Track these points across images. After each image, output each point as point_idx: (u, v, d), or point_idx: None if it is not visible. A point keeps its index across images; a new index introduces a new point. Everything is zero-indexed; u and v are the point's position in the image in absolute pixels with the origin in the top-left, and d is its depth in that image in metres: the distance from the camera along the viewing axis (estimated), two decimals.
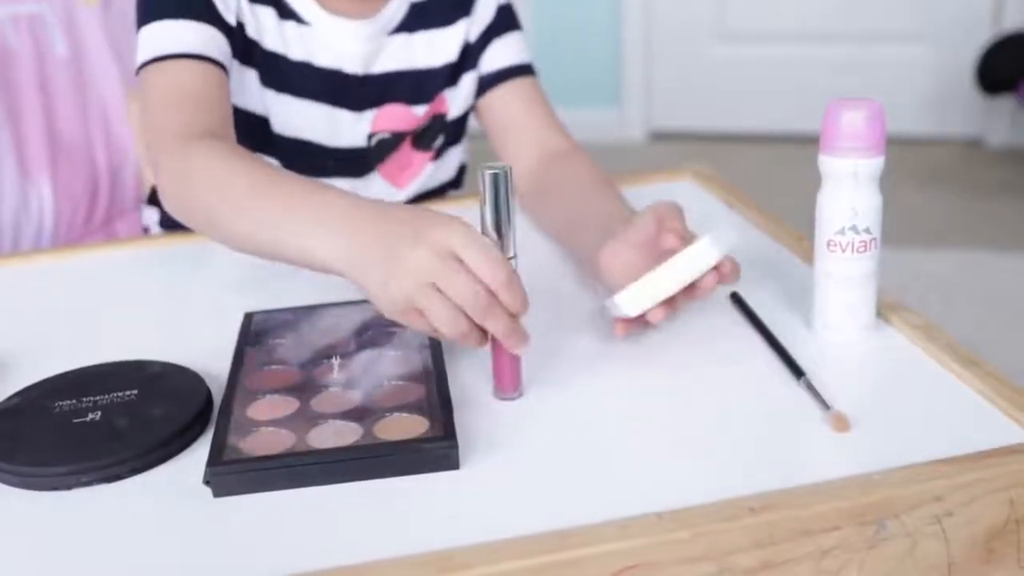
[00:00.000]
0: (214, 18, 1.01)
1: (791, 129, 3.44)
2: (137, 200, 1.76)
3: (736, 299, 0.90)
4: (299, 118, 1.08)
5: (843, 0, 3.53)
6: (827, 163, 0.80)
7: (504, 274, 0.69)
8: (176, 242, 1.13)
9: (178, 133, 0.92)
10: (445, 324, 0.70)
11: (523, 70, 1.16)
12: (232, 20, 1.02)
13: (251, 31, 1.04)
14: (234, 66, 1.04)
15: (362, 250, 0.74)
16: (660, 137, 3.78)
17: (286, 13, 1.06)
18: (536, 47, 3.94)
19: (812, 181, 0.80)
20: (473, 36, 1.14)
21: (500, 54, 1.15)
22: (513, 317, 0.72)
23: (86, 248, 1.16)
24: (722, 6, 3.63)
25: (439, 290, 0.70)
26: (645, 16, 3.66)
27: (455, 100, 1.15)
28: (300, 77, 1.07)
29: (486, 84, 1.15)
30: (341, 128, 1.10)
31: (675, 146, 3.70)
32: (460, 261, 0.70)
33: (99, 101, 1.75)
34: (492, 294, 0.70)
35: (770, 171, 3.04)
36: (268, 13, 1.05)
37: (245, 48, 1.05)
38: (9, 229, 1.63)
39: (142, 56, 0.99)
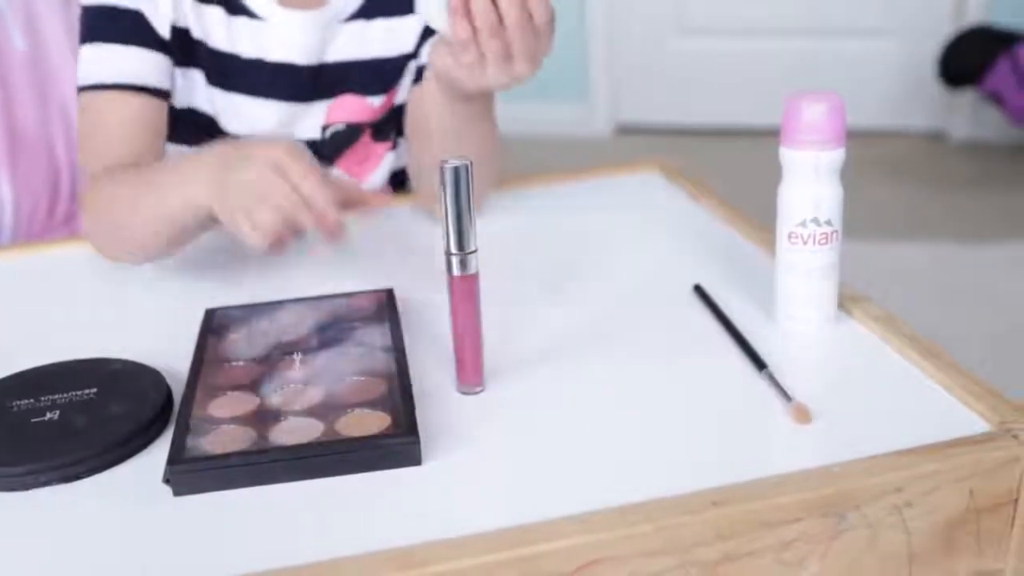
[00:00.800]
0: (148, 39, 1.01)
1: (757, 122, 3.45)
2: None
3: (699, 291, 0.90)
4: (249, 115, 1.07)
5: None
6: (788, 155, 0.80)
7: (312, 182, 0.81)
8: None
9: (94, 173, 1.01)
10: (261, 225, 0.81)
11: None
12: (166, 32, 1.02)
13: (196, 33, 1.03)
14: (176, 72, 1.05)
15: (215, 177, 0.86)
16: (627, 131, 3.79)
17: (236, 9, 1.04)
18: None
19: (777, 174, 0.81)
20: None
21: None
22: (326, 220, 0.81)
23: (47, 245, 1.14)
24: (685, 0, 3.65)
25: (264, 200, 0.81)
26: (609, 10, 3.66)
27: (403, 88, 1.13)
28: (250, 75, 1.05)
29: (420, 75, 1.11)
30: (293, 122, 1.09)
31: (642, 140, 3.71)
32: (283, 173, 0.81)
33: (59, 96, 1.73)
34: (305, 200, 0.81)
35: (736, 164, 3.04)
36: (215, 11, 1.04)
37: (188, 50, 1.04)
38: None
39: (79, 79, 1.03)
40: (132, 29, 1.01)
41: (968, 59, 3.26)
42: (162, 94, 1.03)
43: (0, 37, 1.66)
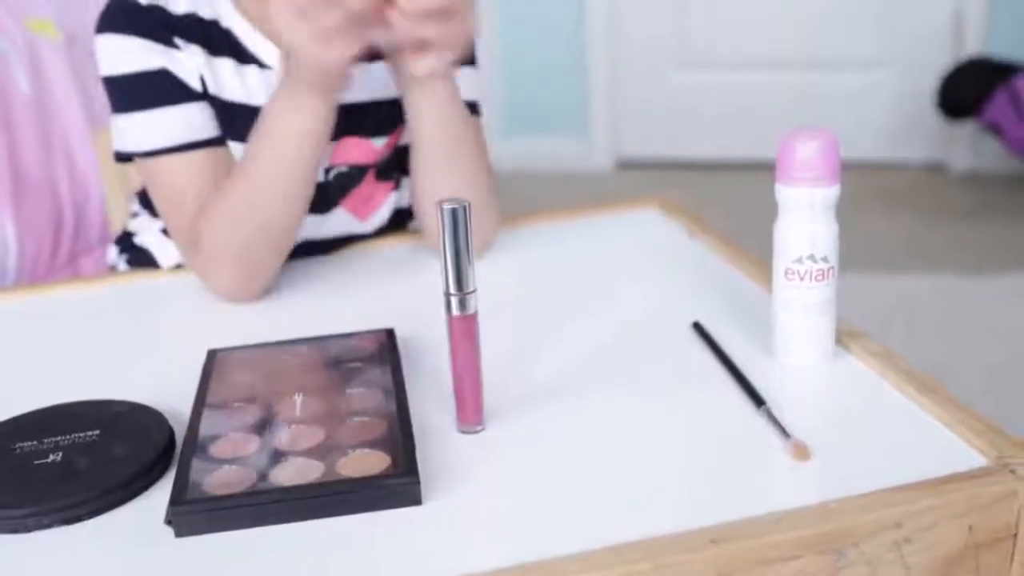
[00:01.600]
0: (182, 94, 1.02)
1: (755, 155, 3.47)
2: (102, 236, 1.75)
3: (697, 327, 0.90)
4: None
5: (804, 27, 3.58)
6: (783, 193, 0.81)
7: None
8: (140, 280, 1.13)
9: (186, 236, 1.03)
10: (328, 36, 0.87)
11: (468, 108, 1.12)
12: (197, 83, 1.03)
13: (211, 88, 1.04)
14: None
15: (290, 84, 0.96)
16: (627, 165, 3.81)
17: (246, 59, 1.05)
18: (503, 78, 3.98)
19: (776, 207, 0.81)
20: None
21: None
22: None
23: (50, 287, 1.15)
24: (685, 33, 3.67)
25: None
26: (608, 45, 3.69)
27: (405, 129, 1.13)
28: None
29: None
30: None
31: (643, 174, 3.73)
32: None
33: (63, 136, 1.74)
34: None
35: (736, 197, 3.06)
36: (227, 64, 1.04)
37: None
38: None
39: (129, 146, 1.03)
40: (166, 89, 1.01)
41: (966, 91, 3.28)
42: (218, 139, 1.04)
43: (4, 79, 1.68)
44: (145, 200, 1.17)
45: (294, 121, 0.96)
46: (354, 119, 1.10)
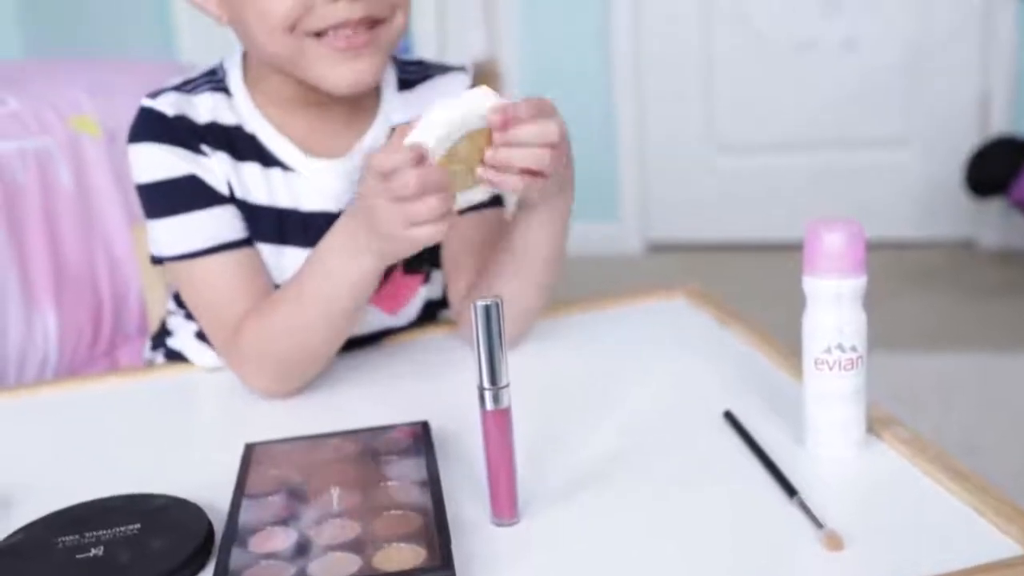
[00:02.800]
0: (211, 198, 1.04)
1: (786, 236, 3.48)
2: (140, 327, 1.78)
3: (729, 417, 0.91)
4: (288, 264, 1.08)
5: (831, 107, 3.61)
6: (811, 284, 0.82)
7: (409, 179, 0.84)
8: (177, 373, 1.15)
9: (221, 336, 1.05)
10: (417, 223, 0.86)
11: (493, 200, 1.14)
12: (224, 188, 1.05)
13: (238, 192, 1.06)
14: None
15: (356, 235, 0.93)
16: (658, 248, 3.83)
17: (270, 162, 1.07)
18: None
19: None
20: None
21: None
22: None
23: (89, 380, 1.17)
24: (712, 118, 3.71)
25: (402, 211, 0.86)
26: (638, 130, 3.74)
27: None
28: (286, 225, 1.08)
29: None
30: None
31: (673, 257, 3.74)
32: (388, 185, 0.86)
33: (103, 230, 1.79)
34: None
35: (765, 279, 3.07)
36: (253, 168, 1.07)
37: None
38: (15, 359, 1.65)
39: (163, 250, 1.06)
40: (195, 194, 1.04)
41: (994, 169, 3.30)
42: (246, 241, 1.06)
43: (49, 175, 1.73)
44: (180, 300, 1.19)
45: (351, 267, 0.95)
46: None
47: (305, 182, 1.08)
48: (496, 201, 1.15)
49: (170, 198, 1.04)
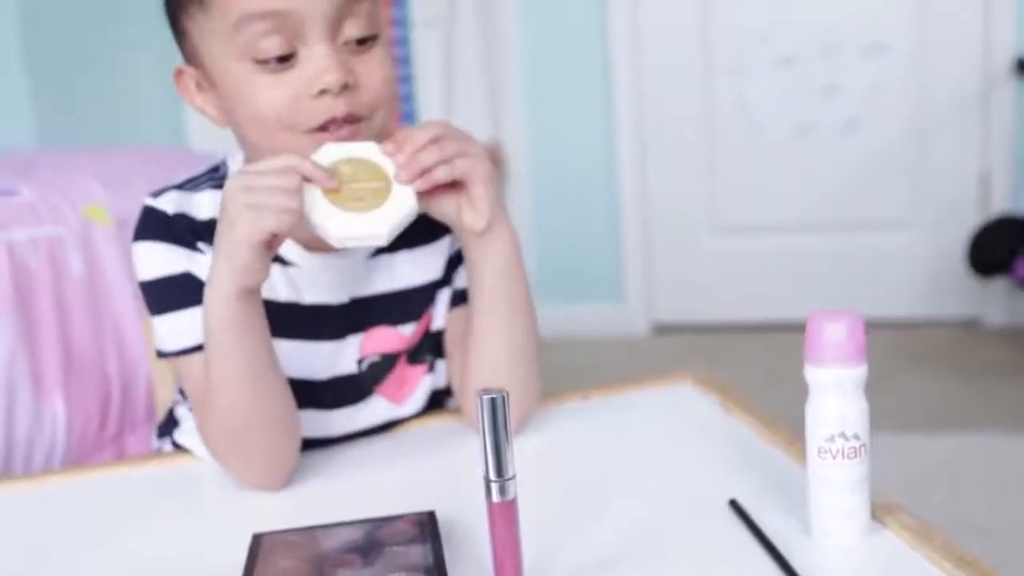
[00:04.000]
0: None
1: (789, 317, 3.49)
2: (148, 414, 1.79)
3: (735, 506, 0.91)
4: (288, 356, 1.08)
5: (833, 189, 3.65)
6: (812, 373, 0.83)
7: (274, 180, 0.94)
8: (184, 462, 1.15)
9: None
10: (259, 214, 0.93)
11: None
12: None
13: None
14: None
15: (212, 267, 0.97)
16: (663, 330, 3.84)
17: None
18: (538, 247, 4.05)
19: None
20: (455, 251, 1.15)
21: None
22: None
23: (96, 468, 1.18)
24: (714, 199, 3.75)
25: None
26: (642, 213, 3.77)
27: (437, 315, 1.17)
28: (286, 319, 1.08)
29: (456, 300, 1.16)
30: (328, 360, 1.12)
31: (678, 338, 3.75)
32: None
33: (112, 316, 1.81)
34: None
35: (769, 359, 3.08)
36: None
37: None
38: (22, 447, 1.66)
39: (165, 346, 1.08)
40: (191, 291, 1.05)
41: (996, 248, 3.32)
42: None
43: (60, 263, 1.75)
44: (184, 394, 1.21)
45: (215, 302, 0.97)
46: (381, 309, 1.13)
47: (303, 276, 1.09)
48: None
49: (168, 295, 1.06)
